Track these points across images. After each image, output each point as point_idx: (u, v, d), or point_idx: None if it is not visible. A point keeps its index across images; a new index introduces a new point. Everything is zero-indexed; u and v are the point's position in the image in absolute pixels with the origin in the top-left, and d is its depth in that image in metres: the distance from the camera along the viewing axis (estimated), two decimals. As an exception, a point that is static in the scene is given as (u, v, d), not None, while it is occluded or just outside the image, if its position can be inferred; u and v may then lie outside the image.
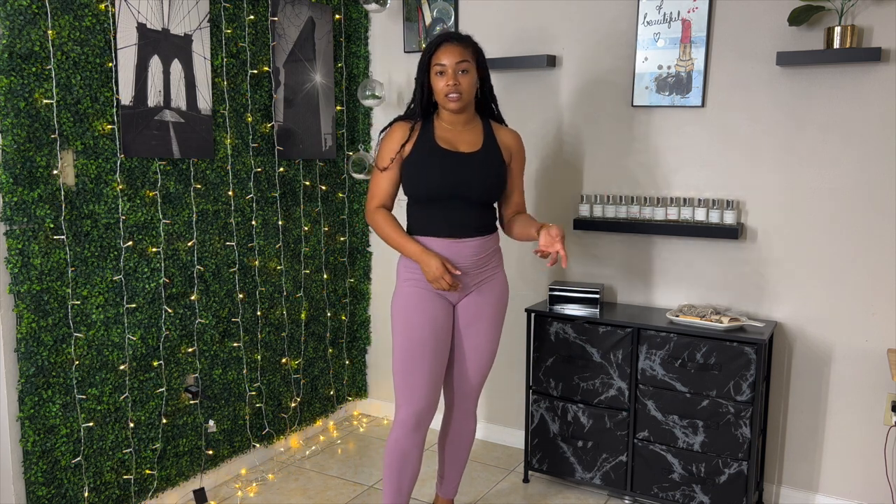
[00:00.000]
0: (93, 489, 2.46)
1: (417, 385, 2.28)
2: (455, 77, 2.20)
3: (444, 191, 2.23)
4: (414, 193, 2.28)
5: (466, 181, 2.24)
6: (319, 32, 3.27)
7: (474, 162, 2.26)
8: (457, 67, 2.20)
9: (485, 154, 2.29)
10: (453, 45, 2.22)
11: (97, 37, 2.36)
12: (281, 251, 3.17)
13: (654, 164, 2.88)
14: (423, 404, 2.30)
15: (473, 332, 2.37)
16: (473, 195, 2.26)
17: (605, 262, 3.03)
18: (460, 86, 2.21)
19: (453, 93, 2.21)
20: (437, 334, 2.28)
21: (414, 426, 2.31)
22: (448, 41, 2.23)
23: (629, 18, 2.84)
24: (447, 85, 2.20)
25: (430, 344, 2.27)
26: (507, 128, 2.41)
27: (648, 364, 2.65)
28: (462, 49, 2.22)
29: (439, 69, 2.21)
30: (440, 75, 2.22)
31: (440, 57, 2.21)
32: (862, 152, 2.52)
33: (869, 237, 2.54)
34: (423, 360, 2.27)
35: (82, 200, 2.36)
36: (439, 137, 2.28)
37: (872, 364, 2.58)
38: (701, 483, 2.59)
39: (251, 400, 3.08)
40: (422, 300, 2.28)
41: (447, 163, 2.24)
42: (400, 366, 2.29)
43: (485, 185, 2.27)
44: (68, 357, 2.36)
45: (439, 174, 2.23)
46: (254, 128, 2.98)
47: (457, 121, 2.30)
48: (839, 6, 2.44)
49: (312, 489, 2.96)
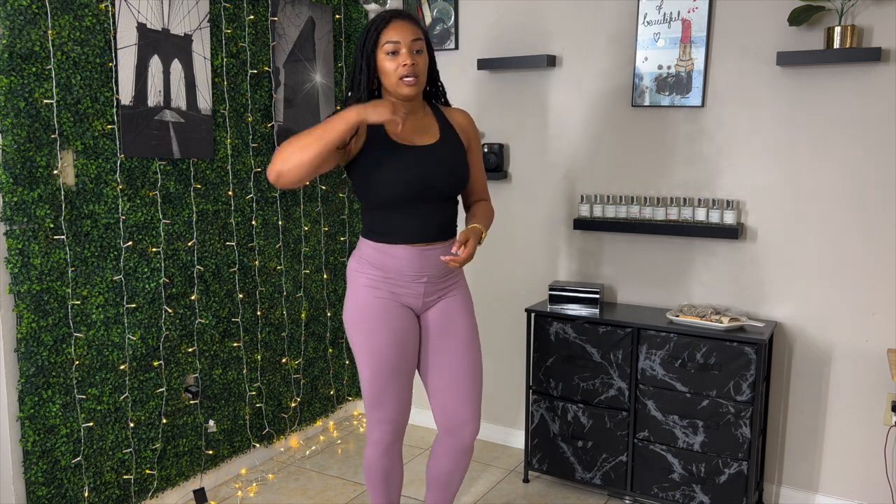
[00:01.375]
0: (93, 489, 2.46)
1: (389, 403, 2.09)
2: (411, 55, 1.92)
3: (407, 192, 1.97)
4: (372, 199, 2.00)
5: (432, 178, 1.98)
6: (319, 32, 3.27)
7: (436, 155, 2.01)
8: (412, 46, 1.93)
9: (445, 144, 2.05)
10: (406, 22, 1.95)
11: (97, 37, 2.36)
12: (281, 251, 3.17)
13: (654, 164, 2.88)
14: (397, 419, 2.13)
15: (453, 347, 2.12)
16: (440, 193, 2.02)
17: (605, 262, 3.03)
18: (417, 66, 1.94)
19: (410, 74, 1.92)
20: (403, 348, 2.07)
21: (391, 442, 2.15)
22: (399, 17, 1.95)
23: (629, 18, 2.84)
24: (403, 66, 1.92)
25: (396, 360, 2.06)
26: (456, 108, 2.18)
27: (648, 364, 2.65)
28: (414, 26, 1.96)
29: (391, 48, 1.92)
30: (392, 55, 1.92)
31: (391, 34, 1.92)
32: (862, 152, 2.52)
33: (869, 237, 2.54)
34: (392, 377, 2.06)
35: (82, 200, 2.36)
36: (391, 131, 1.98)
37: (872, 364, 2.58)
38: (701, 483, 2.59)
39: (251, 400, 3.08)
40: (384, 311, 2.04)
41: (408, 160, 1.97)
42: (369, 386, 2.08)
43: (452, 180, 2.03)
44: (68, 357, 2.36)
45: (401, 175, 1.96)
46: (254, 128, 2.98)
47: (408, 109, 1.99)
48: (839, 6, 2.44)
49: (312, 489, 2.96)
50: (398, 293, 2.05)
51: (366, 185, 2.00)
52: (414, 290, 2.06)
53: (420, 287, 2.06)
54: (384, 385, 2.07)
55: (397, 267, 2.03)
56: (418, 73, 1.95)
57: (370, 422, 2.14)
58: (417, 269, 2.03)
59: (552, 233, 3.12)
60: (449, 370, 2.13)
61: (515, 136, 3.16)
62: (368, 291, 2.05)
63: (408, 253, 2.02)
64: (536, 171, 3.12)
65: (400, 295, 2.06)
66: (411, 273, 2.03)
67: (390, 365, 2.05)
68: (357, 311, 2.06)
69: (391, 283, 2.04)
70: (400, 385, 2.09)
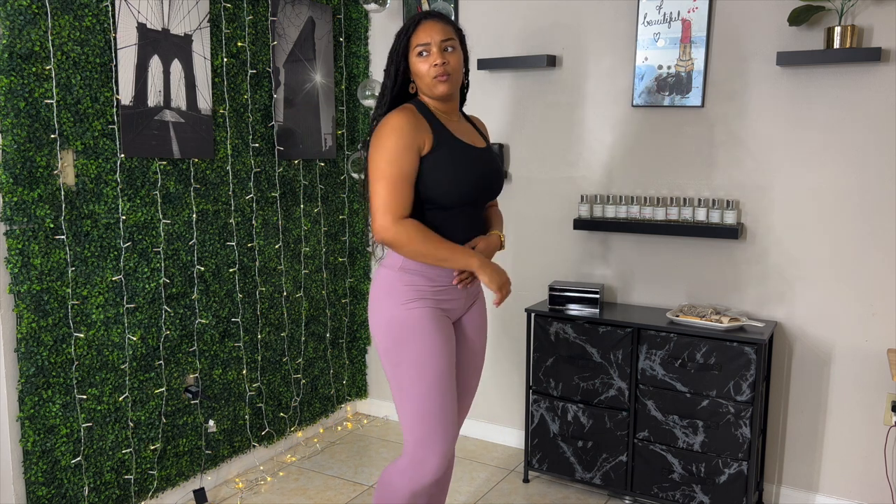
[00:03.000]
0: (93, 489, 2.46)
1: (451, 422, 1.96)
2: (442, 55, 1.88)
3: (474, 193, 1.96)
4: (441, 198, 1.91)
5: (490, 179, 2.00)
6: (319, 32, 3.27)
7: (491, 157, 2.03)
8: (442, 45, 1.89)
9: (489, 147, 2.07)
10: (435, 22, 1.91)
11: (97, 37, 2.35)
12: (281, 251, 3.17)
13: (654, 164, 2.88)
14: (455, 437, 2.00)
15: (471, 352, 2.12)
16: (493, 194, 2.05)
17: (605, 262, 3.03)
18: (449, 64, 1.89)
19: (442, 73, 1.88)
20: (453, 359, 2.00)
21: (448, 468, 2.00)
22: (428, 18, 1.91)
23: (629, 18, 2.84)
24: (434, 65, 1.87)
25: (451, 373, 1.97)
26: (474, 115, 2.20)
27: (648, 364, 2.65)
28: (444, 25, 1.91)
29: (422, 49, 1.89)
30: (423, 56, 1.89)
31: (420, 36, 1.89)
32: (862, 152, 2.52)
33: (869, 237, 2.54)
34: (449, 391, 1.95)
35: (82, 200, 2.36)
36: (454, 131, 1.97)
37: (872, 364, 2.58)
38: (701, 483, 2.59)
39: (251, 400, 3.08)
40: (442, 324, 1.96)
41: (474, 160, 1.95)
42: (426, 404, 1.93)
43: (501, 182, 2.07)
44: (68, 357, 2.35)
45: (473, 174, 1.93)
46: (254, 128, 2.98)
47: (451, 111, 2.00)
48: (839, 6, 2.44)
49: (312, 489, 2.96)
50: (443, 300, 1.98)
51: (435, 184, 1.89)
52: (460, 293, 2.02)
53: (462, 292, 2.03)
54: (451, 399, 1.95)
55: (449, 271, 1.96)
56: (450, 71, 1.90)
57: (422, 445, 1.94)
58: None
59: (552, 233, 3.12)
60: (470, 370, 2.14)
61: (515, 136, 3.16)
62: (414, 305, 1.93)
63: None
64: (536, 171, 3.12)
65: (444, 301, 1.98)
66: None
67: (451, 376, 1.96)
68: (407, 325, 1.93)
69: (439, 290, 1.96)
70: (454, 399, 1.99)
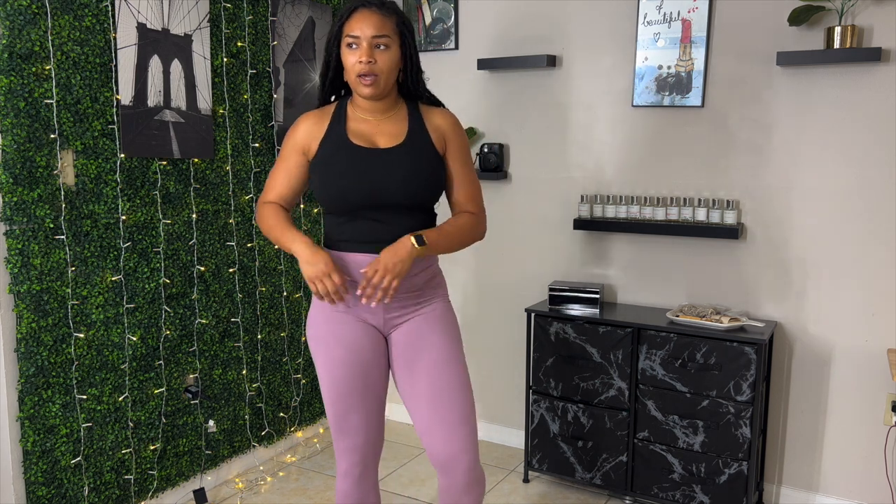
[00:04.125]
0: (93, 489, 2.46)
1: (352, 431, 1.89)
2: (370, 52, 1.73)
3: (358, 196, 1.78)
4: (324, 201, 1.83)
5: (384, 183, 1.78)
6: (319, 32, 3.27)
7: (394, 158, 1.80)
8: (373, 41, 1.73)
9: (409, 147, 1.82)
10: (370, 12, 1.74)
11: (97, 37, 2.35)
12: (281, 251, 3.17)
13: (654, 164, 2.88)
14: (364, 448, 1.93)
15: (425, 371, 1.86)
16: (395, 200, 1.79)
17: (605, 262, 3.03)
18: (376, 64, 1.74)
19: (367, 73, 1.74)
20: (364, 370, 1.86)
21: (361, 474, 1.95)
22: (365, 6, 1.75)
23: (629, 18, 2.84)
24: (359, 62, 1.73)
25: (354, 383, 1.86)
26: (440, 109, 1.92)
27: (648, 364, 2.65)
28: (382, 18, 1.75)
29: (350, 41, 1.74)
30: (351, 48, 1.75)
31: (352, 26, 1.74)
32: (862, 152, 2.52)
33: (869, 237, 2.54)
34: (353, 402, 1.87)
35: (82, 200, 2.36)
36: (352, 131, 1.82)
37: (872, 364, 2.58)
38: (701, 483, 2.59)
39: (251, 400, 3.08)
40: (341, 328, 1.85)
41: (359, 161, 1.79)
42: (331, 411, 1.89)
43: (409, 187, 1.79)
44: (68, 357, 2.35)
45: (350, 176, 1.78)
46: (254, 128, 2.98)
47: (375, 108, 1.84)
48: (839, 6, 2.44)
49: (312, 489, 2.96)
50: (357, 307, 1.86)
51: (317, 187, 1.84)
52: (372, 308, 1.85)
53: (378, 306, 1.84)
54: (344, 411, 1.88)
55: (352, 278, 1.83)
56: (378, 72, 1.75)
57: (337, 450, 1.95)
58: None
59: (552, 233, 3.12)
60: (426, 399, 1.86)
61: (515, 136, 3.16)
62: (326, 305, 1.87)
63: (362, 262, 1.81)
64: (536, 171, 3.12)
65: (359, 310, 1.86)
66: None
67: (349, 388, 1.86)
68: (315, 326, 1.90)
69: (349, 296, 1.84)
70: (364, 411, 1.88)
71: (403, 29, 1.79)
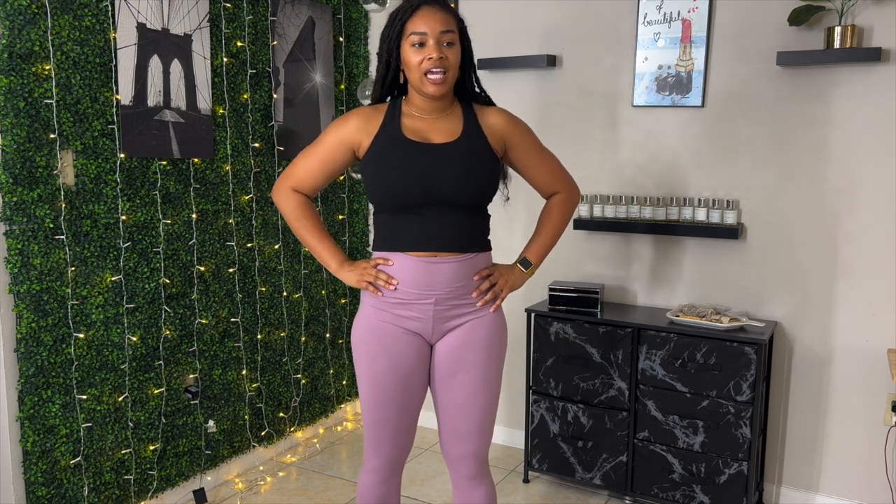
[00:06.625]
0: (93, 489, 2.46)
1: (388, 437, 1.90)
2: (439, 49, 1.71)
3: (411, 192, 1.75)
4: (376, 197, 1.80)
5: (439, 179, 1.75)
6: (319, 32, 3.27)
7: (450, 154, 1.77)
8: (441, 38, 1.71)
9: (465, 143, 1.79)
10: (435, 10, 1.72)
11: (97, 37, 2.35)
12: (281, 251, 3.17)
13: (654, 164, 2.88)
14: (397, 453, 1.94)
15: (458, 384, 1.88)
16: (450, 197, 1.76)
17: (605, 262, 3.03)
18: (447, 60, 1.72)
19: (437, 69, 1.71)
20: (406, 382, 1.86)
21: (389, 474, 1.97)
22: (428, 4, 1.73)
23: (629, 18, 2.84)
24: (429, 59, 1.70)
25: (395, 394, 1.85)
26: (494, 108, 1.90)
27: (648, 364, 2.65)
28: (446, 14, 1.73)
29: (417, 39, 1.71)
30: (417, 47, 1.72)
31: (417, 23, 1.71)
32: (862, 152, 2.52)
33: (869, 237, 2.54)
34: (391, 412, 1.87)
35: (82, 200, 2.36)
36: (406, 127, 1.79)
37: (872, 364, 2.58)
38: (701, 483, 2.59)
39: (251, 400, 3.08)
40: (389, 339, 1.84)
41: (414, 156, 1.76)
42: (368, 415, 1.90)
43: (464, 184, 1.76)
44: (68, 357, 2.35)
45: (403, 169, 1.75)
46: (254, 128, 2.98)
47: (433, 108, 1.81)
48: (839, 6, 2.44)
49: (312, 489, 2.96)
50: (403, 316, 1.84)
51: (369, 183, 1.80)
52: (420, 311, 1.82)
53: (428, 309, 1.82)
54: (381, 418, 1.88)
55: (401, 280, 1.81)
56: (447, 69, 1.72)
57: (368, 451, 1.95)
58: (423, 286, 1.79)
59: (552, 233, 3.11)
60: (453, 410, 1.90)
61: (515, 136, 3.15)
62: (373, 313, 1.86)
63: (410, 263, 1.78)
64: (536, 171, 3.12)
65: (405, 319, 1.84)
66: (416, 290, 1.80)
67: (388, 399, 1.86)
68: (360, 332, 1.88)
69: (396, 303, 1.83)
70: (399, 422, 1.89)
71: (463, 26, 1.80)
